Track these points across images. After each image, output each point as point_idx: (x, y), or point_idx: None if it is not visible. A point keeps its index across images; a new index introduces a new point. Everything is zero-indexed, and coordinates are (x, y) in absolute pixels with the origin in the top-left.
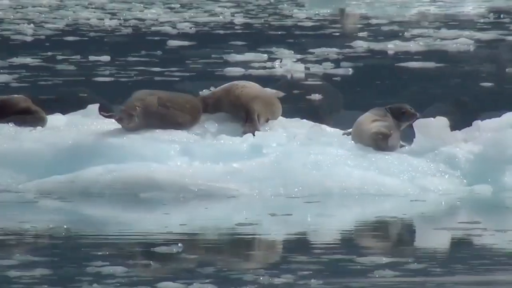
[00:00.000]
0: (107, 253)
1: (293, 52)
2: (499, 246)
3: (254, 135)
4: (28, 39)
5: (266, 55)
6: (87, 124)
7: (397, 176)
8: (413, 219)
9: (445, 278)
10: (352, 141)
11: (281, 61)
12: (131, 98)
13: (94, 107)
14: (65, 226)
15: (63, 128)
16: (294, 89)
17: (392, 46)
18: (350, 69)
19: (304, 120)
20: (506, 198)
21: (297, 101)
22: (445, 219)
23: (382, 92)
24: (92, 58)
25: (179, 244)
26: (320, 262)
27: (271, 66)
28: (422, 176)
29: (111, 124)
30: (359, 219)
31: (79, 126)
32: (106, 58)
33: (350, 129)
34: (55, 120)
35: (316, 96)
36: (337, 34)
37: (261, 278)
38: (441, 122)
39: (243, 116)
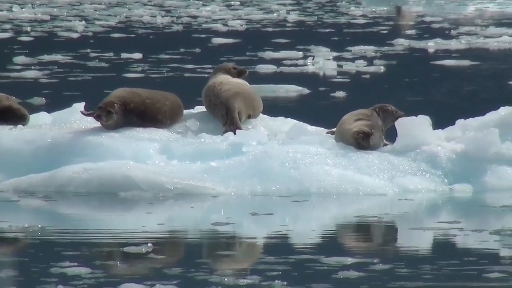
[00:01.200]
0: (78, 253)
1: (329, 49)
2: (471, 247)
3: (235, 133)
4: (75, 36)
5: (301, 52)
6: (69, 122)
7: (377, 175)
8: (390, 218)
9: (409, 278)
10: (334, 140)
11: (313, 59)
12: (110, 96)
13: (79, 106)
14: (39, 226)
15: (44, 126)
16: (320, 86)
17: (432, 44)
18: (382, 67)
19: (288, 118)
20: (487, 198)
21: (321, 98)
22: (423, 219)
23: (409, 89)
24: (124, 55)
25: (148, 244)
26: (287, 263)
27: (303, 64)
28: (402, 175)
29: (94, 123)
30: (334, 219)
31: (61, 125)
32: (138, 55)
33: (335, 128)
34: (40, 118)
35: (340, 93)
36: (385, 32)
37: (225, 280)
38: (423, 120)
39: (224, 114)
